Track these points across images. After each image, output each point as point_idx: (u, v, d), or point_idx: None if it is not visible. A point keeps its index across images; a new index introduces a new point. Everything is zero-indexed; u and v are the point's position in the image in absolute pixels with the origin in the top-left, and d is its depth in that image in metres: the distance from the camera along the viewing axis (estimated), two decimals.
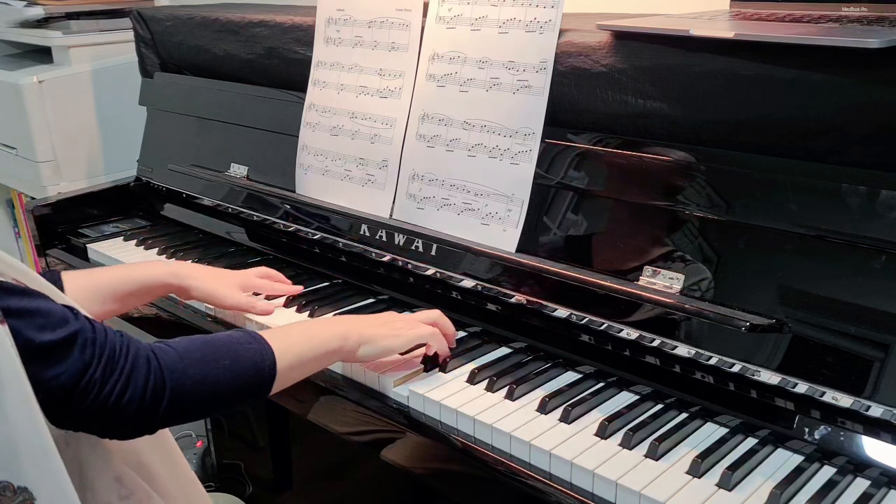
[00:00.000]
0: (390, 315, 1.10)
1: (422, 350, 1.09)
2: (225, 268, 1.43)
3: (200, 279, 1.19)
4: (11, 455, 0.66)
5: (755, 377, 0.92)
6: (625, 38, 1.06)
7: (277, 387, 0.92)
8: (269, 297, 1.28)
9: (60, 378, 0.72)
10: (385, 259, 1.30)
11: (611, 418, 0.95)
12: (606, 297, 1.03)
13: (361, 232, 1.33)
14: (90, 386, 0.74)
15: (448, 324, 1.11)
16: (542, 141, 1.12)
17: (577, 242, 1.10)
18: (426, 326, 1.08)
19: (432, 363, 1.08)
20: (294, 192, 1.45)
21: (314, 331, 1.01)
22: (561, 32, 1.11)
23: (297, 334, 0.98)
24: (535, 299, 1.11)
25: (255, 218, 1.52)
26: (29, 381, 0.68)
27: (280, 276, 1.31)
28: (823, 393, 0.88)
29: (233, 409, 0.92)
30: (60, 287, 1.06)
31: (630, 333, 1.02)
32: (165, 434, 0.93)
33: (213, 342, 0.88)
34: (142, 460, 0.89)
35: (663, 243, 1.01)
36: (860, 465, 0.86)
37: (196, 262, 1.48)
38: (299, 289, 1.30)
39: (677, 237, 1.00)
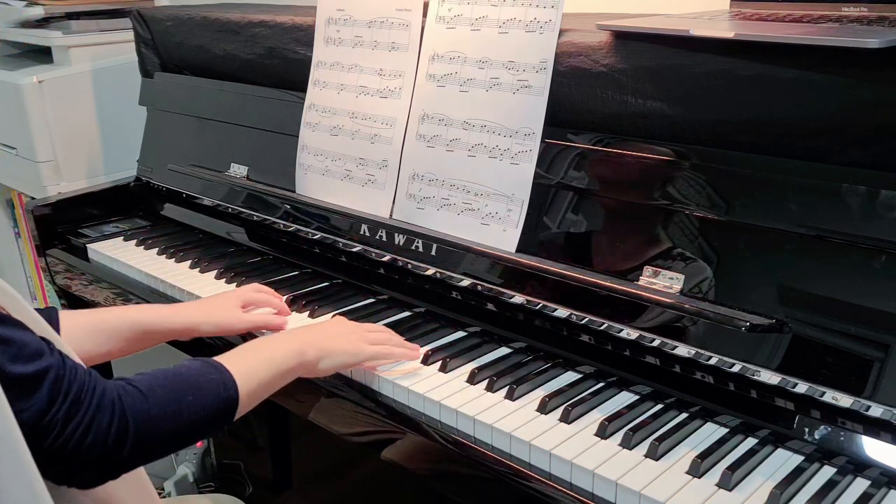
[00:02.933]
0: (340, 324, 1.12)
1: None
2: (225, 268, 1.44)
3: (205, 317, 1.16)
4: None
5: (755, 377, 0.92)
6: (625, 38, 1.06)
7: (240, 412, 0.92)
8: None
9: (23, 414, 0.70)
10: (385, 259, 1.30)
11: (611, 418, 0.95)
12: (606, 297, 1.03)
13: (361, 232, 1.33)
14: (52, 425, 0.72)
15: (403, 342, 1.12)
16: (542, 141, 1.12)
17: (577, 242, 1.10)
18: (383, 348, 1.09)
19: None
20: (294, 192, 1.45)
21: (272, 350, 1.00)
22: (561, 32, 1.11)
23: (255, 356, 0.97)
24: (535, 299, 1.11)
25: (255, 218, 1.52)
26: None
27: (270, 290, 1.27)
28: (823, 393, 0.88)
29: (196, 441, 0.91)
30: (56, 324, 1.04)
31: (630, 333, 1.02)
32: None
33: (175, 377, 0.86)
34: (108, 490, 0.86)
35: (663, 243, 1.01)
36: (860, 465, 0.86)
37: (196, 261, 1.48)
38: (287, 310, 1.27)
39: (677, 237, 1.00)
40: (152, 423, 0.80)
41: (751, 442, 0.92)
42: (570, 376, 1.07)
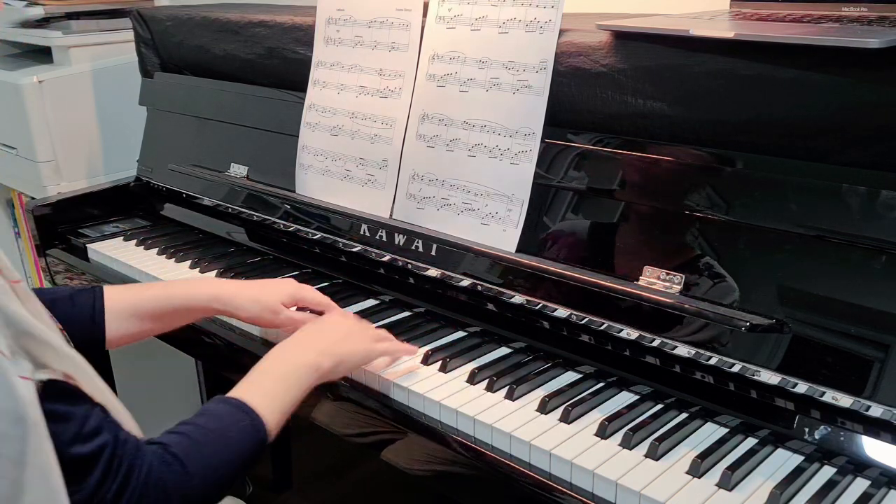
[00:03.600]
0: (343, 323, 1.10)
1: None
2: (225, 268, 1.43)
3: (245, 304, 1.13)
4: None
5: (755, 377, 0.92)
6: (625, 38, 1.06)
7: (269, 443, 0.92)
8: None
9: (75, 496, 0.70)
10: (385, 259, 1.30)
11: (611, 418, 0.95)
12: (606, 297, 1.03)
13: (361, 232, 1.33)
14: None
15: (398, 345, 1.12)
16: (542, 141, 1.12)
17: (576, 242, 1.10)
18: (389, 344, 1.09)
19: None
20: (294, 192, 1.45)
21: (287, 370, 0.98)
22: (561, 32, 1.11)
23: (274, 382, 0.96)
24: (534, 299, 1.11)
25: (255, 218, 1.52)
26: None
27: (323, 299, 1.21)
28: (823, 393, 0.88)
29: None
30: (101, 307, 1.06)
31: (630, 333, 1.02)
32: None
33: (209, 435, 0.85)
34: None
35: (663, 243, 1.01)
36: (860, 465, 0.86)
37: (196, 261, 1.48)
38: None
39: (677, 237, 1.00)
40: (194, 493, 0.80)
41: (751, 442, 0.92)
42: (570, 376, 1.07)
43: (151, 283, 1.40)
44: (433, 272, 1.23)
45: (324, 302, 1.18)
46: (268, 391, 0.93)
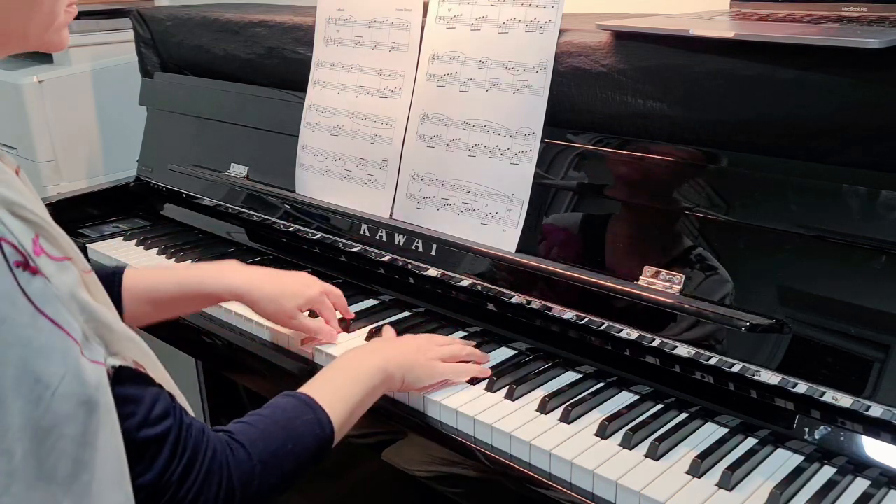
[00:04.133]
0: (413, 339, 1.08)
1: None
2: None
3: (262, 302, 1.13)
4: None
5: (755, 377, 0.92)
6: (625, 38, 1.06)
7: (335, 444, 0.91)
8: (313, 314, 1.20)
9: (142, 477, 0.71)
10: (385, 259, 1.30)
11: (611, 418, 0.95)
12: (606, 297, 1.03)
13: (361, 232, 1.33)
14: (166, 487, 0.72)
15: (472, 351, 1.10)
16: (542, 141, 1.12)
17: (577, 242, 1.10)
18: (462, 366, 1.06)
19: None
20: (294, 192, 1.45)
21: (356, 371, 0.97)
22: (561, 32, 1.11)
23: (341, 381, 0.95)
24: (535, 299, 1.11)
25: (255, 218, 1.52)
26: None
27: (339, 293, 1.21)
28: (823, 393, 0.88)
29: (295, 484, 0.90)
30: (119, 288, 1.07)
31: (630, 333, 1.02)
32: None
33: (274, 426, 0.85)
34: None
35: (663, 243, 1.01)
36: (860, 465, 0.86)
37: (196, 261, 1.48)
38: (351, 314, 1.23)
39: (677, 237, 1.00)
40: (257, 481, 0.81)
41: (751, 442, 0.92)
42: (570, 376, 1.07)
43: (168, 268, 1.40)
44: (433, 272, 1.23)
45: (332, 319, 1.17)
46: (335, 390, 0.93)
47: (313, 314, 1.18)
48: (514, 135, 1.15)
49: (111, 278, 1.09)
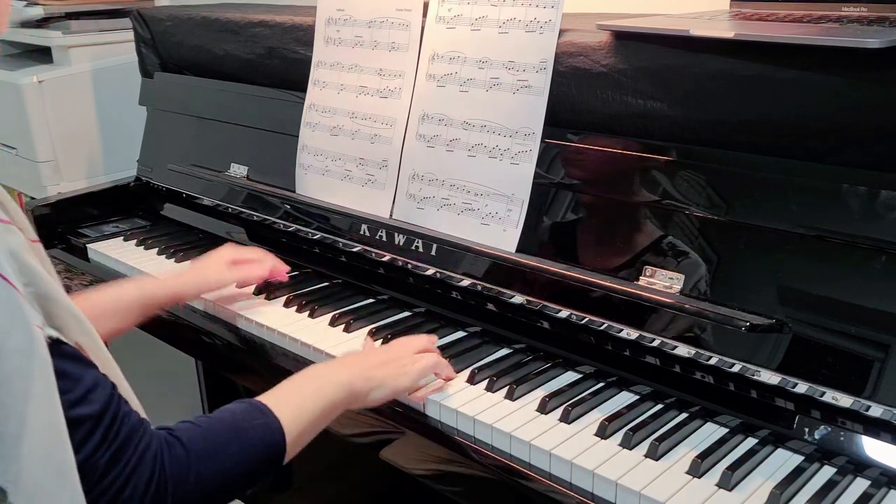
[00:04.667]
0: (389, 350, 1.05)
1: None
2: None
3: (195, 287, 1.26)
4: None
5: (755, 377, 0.92)
6: (625, 38, 1.06)
7: (288, 457, 0.88)
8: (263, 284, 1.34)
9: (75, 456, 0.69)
10: (385, 259, 1.30)
11: (611, 418, 0.95)
12: (606, 297, 1.03)
13: (361, 232, 1.33)
14: (93, 470, 0.71)
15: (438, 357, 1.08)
16: (542, 141, 1.12)
17: (577, 242, 1.10)
18: (428, 357, 1.04)
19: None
20: (294, 192, 1.45)
21: (318, 384, 0.95)
22: (561, 32, 1.11)
23: (300, 393, 0.93)
24: (535, 299, 1.11)
25: (255, 218, 1.52)
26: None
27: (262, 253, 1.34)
28: (823, 393, 0.88)
29: (242, 493, 0.87)
30: None
31: (630, 333, 1.02)
32: None
33: (217, 425, 0.84)
34: None
35: (663, 243, 1.01)
36: (860, 465, 0.86)
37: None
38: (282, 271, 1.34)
39: (677, 237, 1.00)
40: (193, 479, 0.78)
41: (751, 442, 0.92)
42: (570, 376, 1.07)
43: (112, 284, 1.37)
44: (433, 272, 1.23)
45: (259, 254, 1.31)
46: (291, 399, 0.91)
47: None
48: (514, 135, 1.15)
49: None
